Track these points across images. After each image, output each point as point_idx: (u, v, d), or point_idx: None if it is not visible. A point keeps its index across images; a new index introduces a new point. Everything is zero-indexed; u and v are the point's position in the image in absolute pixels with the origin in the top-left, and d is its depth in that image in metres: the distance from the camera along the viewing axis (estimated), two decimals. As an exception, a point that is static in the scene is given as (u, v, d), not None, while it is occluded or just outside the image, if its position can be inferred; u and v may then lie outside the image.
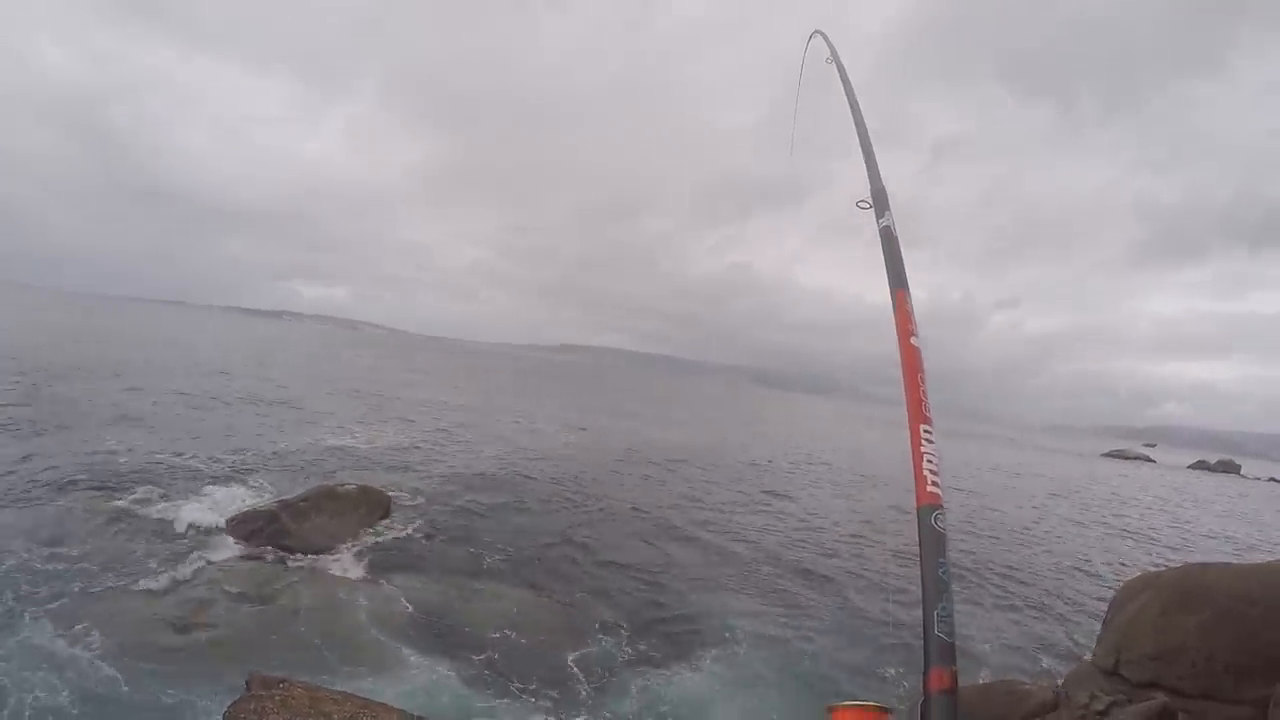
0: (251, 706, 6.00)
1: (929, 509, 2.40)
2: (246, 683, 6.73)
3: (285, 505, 13.14)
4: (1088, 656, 10.19)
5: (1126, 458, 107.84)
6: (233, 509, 13.41)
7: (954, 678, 2.07)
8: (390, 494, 15.63)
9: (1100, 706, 7.54)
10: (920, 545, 2.35)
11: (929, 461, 2.54)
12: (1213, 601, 7.66)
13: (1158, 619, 8.02)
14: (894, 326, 2.89)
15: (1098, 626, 10.51)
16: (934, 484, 2.48)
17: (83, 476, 14.03)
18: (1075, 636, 13.87)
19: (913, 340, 2.82)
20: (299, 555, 12.09)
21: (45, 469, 14.10)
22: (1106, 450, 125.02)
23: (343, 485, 14.83)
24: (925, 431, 2.61)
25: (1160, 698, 7.32)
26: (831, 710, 2.22)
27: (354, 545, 12.92)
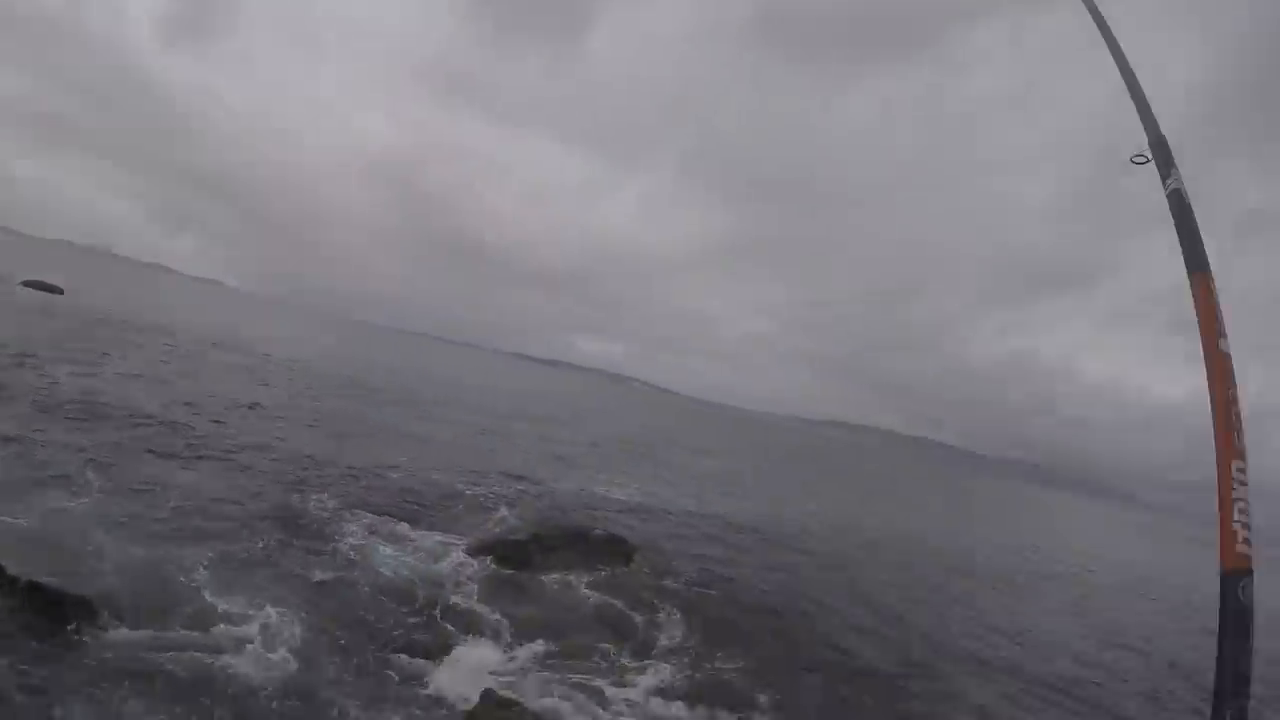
0: (486, 720, 6.26)
1: (1237, 577, 1.81)
2: (480, 698, 7.10)
3: (536, 539, 13.65)
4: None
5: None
6: (488, 533, 14.11)
7: None
8: (637, 545, 15.31)
9: None
10: (1221, 624, 1.79)
11: (1240, 512, 1.86)
12: None
13: None
14: (1195, 324, 2.16)
15: None
16: (1245, 540, 1.83)
17: (363, 480, 15.57)
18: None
19: (1221, 344, 2.06)
20: (539, 577, 12.53)
21: (332, 470, 15.71)
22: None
23: (594, 530, 15.03)
24: (1238, 471, 1.90)
25: None
26: None
27: (590, 579, 13.05)
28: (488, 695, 6.97)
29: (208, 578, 8.89)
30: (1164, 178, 2.53)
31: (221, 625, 7.89)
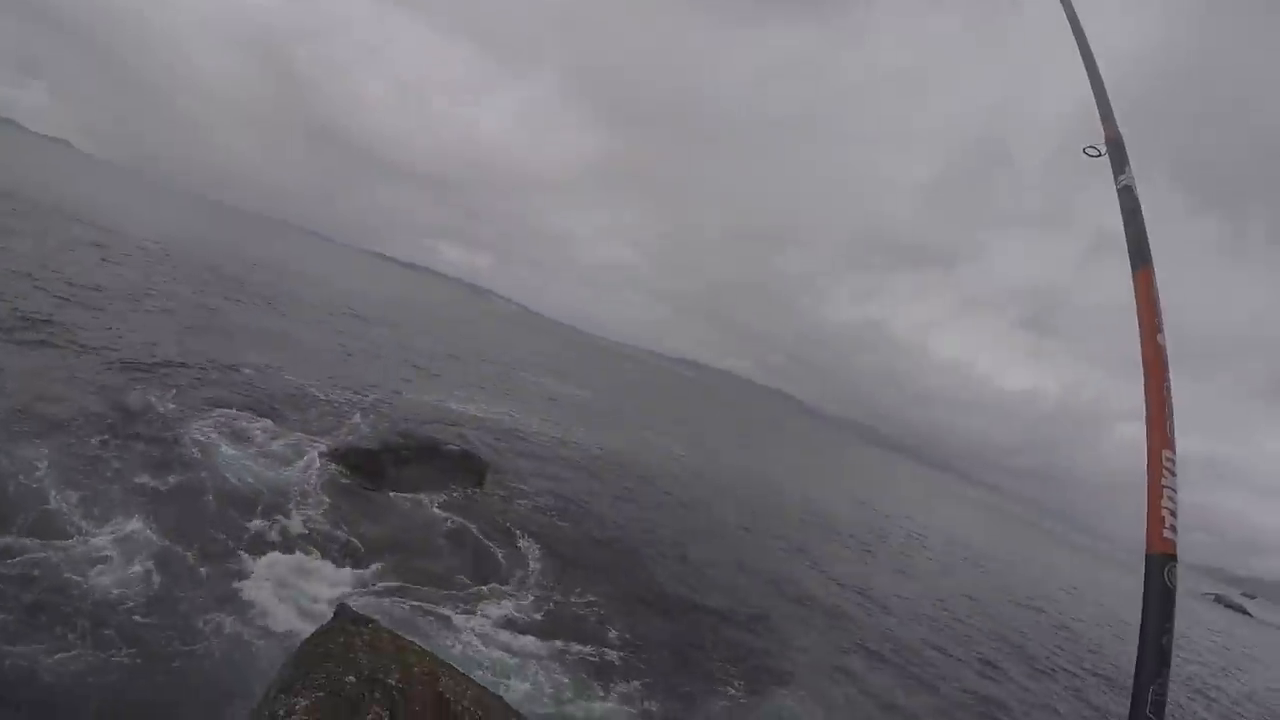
0: (340, 640, 6.13)
1: (1162, 560, 1.89)
2: (335, 612, 6.99)
3: (388, 448, 13.42)
4: None
5: (1227, 604, 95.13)
6: (340, 440, 13.77)
7: None
8: (491, 464, 15.51)
9: None
10: (1145, 604, 1.87)
11: (1169, 499, 1.97)
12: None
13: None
14: (1134, 317, 2.26)
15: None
16: (1171, 528, 1.94)
17: (214, 375, 14.84)
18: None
19: (1158, 338, 2.20)
20: (389, 493, 12.46)
21: (182, 364, 14.76)
22: (1203, 592, 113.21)
23: (447, 444, 14.91)
24: (1168, 460, 2.00)
25: None
26: None
27: (443, 499, 13.08)
28: (343, 610, 6.90)
29: (50, 477, 8.41)
30: (1116, 174, 2.64)
31: (73, 534, 7.64)
